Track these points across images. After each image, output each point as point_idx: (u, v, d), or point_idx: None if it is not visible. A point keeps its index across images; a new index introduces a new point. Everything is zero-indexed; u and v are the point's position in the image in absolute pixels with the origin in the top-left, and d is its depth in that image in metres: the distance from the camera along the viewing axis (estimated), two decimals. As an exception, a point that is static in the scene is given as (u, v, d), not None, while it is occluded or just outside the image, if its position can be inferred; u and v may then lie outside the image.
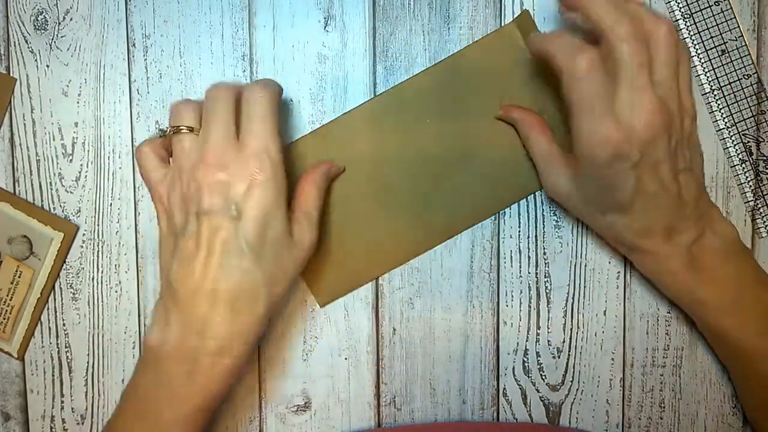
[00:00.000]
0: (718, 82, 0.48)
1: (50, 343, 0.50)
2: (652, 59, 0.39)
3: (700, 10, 0.48)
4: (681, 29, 0.48)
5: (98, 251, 0.50)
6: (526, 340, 0.50)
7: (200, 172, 0.38)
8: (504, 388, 0.50)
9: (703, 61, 0.48)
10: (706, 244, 0.43)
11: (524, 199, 0.49)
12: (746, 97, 0.48)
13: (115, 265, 0.50)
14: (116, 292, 0.50)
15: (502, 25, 0.48)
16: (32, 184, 0.49)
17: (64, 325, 0.50)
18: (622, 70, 0.38)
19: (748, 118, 0.48)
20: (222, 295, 0.38)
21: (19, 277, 0.49)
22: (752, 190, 0.49)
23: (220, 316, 0.38)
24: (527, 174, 0.48)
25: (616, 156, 0.38)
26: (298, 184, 0.44)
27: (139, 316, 0.50)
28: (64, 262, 0.49)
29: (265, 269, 0.38)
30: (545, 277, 0.49)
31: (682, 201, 0.42)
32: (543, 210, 0.49)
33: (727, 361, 0.48)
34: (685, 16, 0.48)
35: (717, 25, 0.48)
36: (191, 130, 0.39)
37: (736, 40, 0.48)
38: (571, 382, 0.50)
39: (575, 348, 0.50)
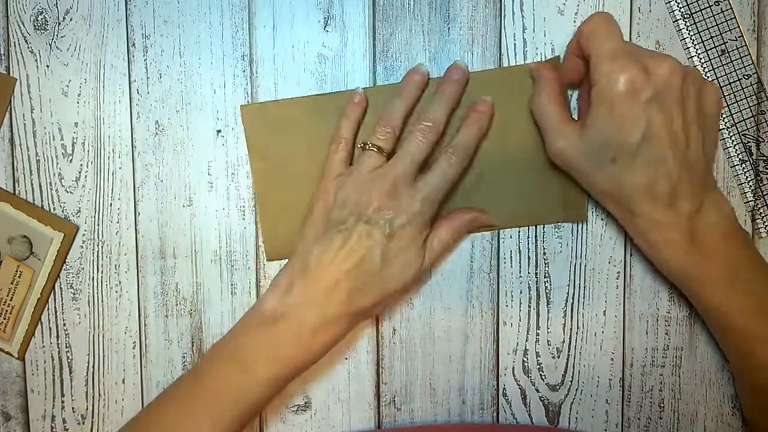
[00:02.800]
0: (718, 82, 0.48)
1: (50, 343, 0.50)
2: None
3: (700, 10, 0.48)
4: (681, 29, 0.48)
5: (98, 251, 0.50)
6: (526, 340, 0.50)
7: (376, 190, 0.44)
8: (504, 388, 0.50)
9: (703, 61, 0.48)
10: (706, 218, 0.43)
11: (524, 199, 0.49)
12: (746, 97, 0.48)
13: (115, 265, 0.50)
14: (116, 292, 0.50)
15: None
16: (32, 184, 0.49)
17: (64, 325, 0.50)
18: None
19: (748, 118, 0.48)
20: (344, 285, 0.44)
21: (19, 277, 0.49)
22: (752, 190, 0.49)
23: (336, 300, 0.44)
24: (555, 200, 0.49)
25: (631, 88, 0.40)
26: (448, 216, 0.48)
27: (139, 316, 0.50)
28: (64, 262, 0.50)
29: (385, 280, 0.45)
30: (545, 277, 0.49)
31: (688, 161, 0.42)
32: (543, 210, 0.49)
33: (723, 340, 0.47)
34: (685, 16, 0.48)
35: (717, 25, 0.48)
36: (380, 150, 0.46)
37: (736, 40, 0.48)
38: (571, 382, 0.50)
39: (575, 348, 0.50)
